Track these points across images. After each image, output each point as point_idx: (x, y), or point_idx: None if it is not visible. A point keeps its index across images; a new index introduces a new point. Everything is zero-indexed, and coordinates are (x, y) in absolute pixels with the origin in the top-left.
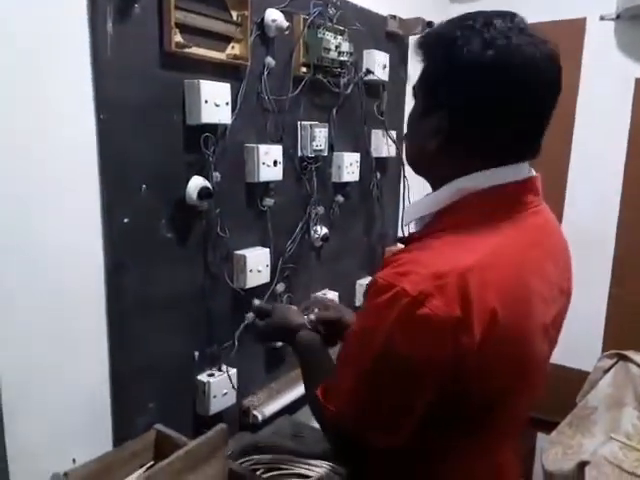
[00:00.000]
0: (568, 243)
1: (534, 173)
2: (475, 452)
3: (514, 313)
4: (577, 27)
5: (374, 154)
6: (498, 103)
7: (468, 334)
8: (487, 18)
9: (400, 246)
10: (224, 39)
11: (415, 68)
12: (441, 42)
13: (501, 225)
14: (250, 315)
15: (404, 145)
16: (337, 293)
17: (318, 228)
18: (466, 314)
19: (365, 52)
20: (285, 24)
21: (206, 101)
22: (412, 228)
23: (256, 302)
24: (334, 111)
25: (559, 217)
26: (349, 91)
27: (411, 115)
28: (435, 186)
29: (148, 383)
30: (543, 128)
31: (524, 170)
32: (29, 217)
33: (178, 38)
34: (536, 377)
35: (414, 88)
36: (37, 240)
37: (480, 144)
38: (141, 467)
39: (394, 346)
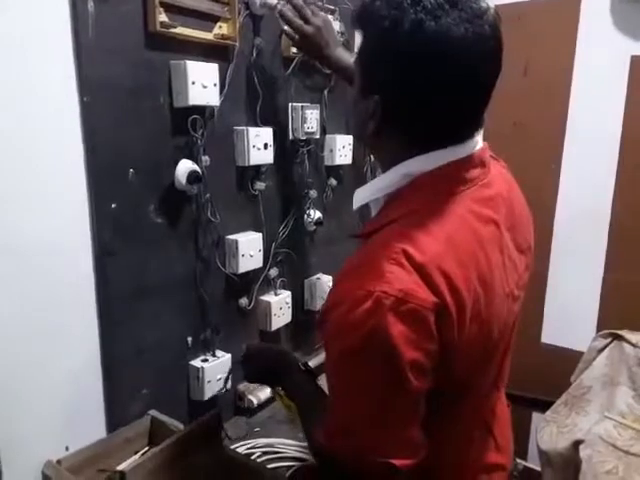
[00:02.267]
0: (524, 199)
1: (479, 145)
2: (466, 414)
3: (480, 292)
4: (572, 3)
5: None
6: (428, 87)
7: (448, 318)
8: None
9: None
10: (211, 18)
11: None
12: (371, 21)
13: (451, 208)
14: (243, 301)
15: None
16: (331, 277)
17: (311, 212)
18: (442, 300)
19: (357, 31)
20: (274, 2)
21: (193, 82)
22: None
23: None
24: (325, 92)
25: (554, 196)
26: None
27: (349, 92)
28: (384, 168)
29: (141, 369)
30: (481, 106)
31: (468, 147)
32: (13, 205)
33: (163, 17)
34: (510, 335)
35: (352, 65)
36: (23, 227)
37: (416, 128)
38: (135, 453)
39: (397, 350)
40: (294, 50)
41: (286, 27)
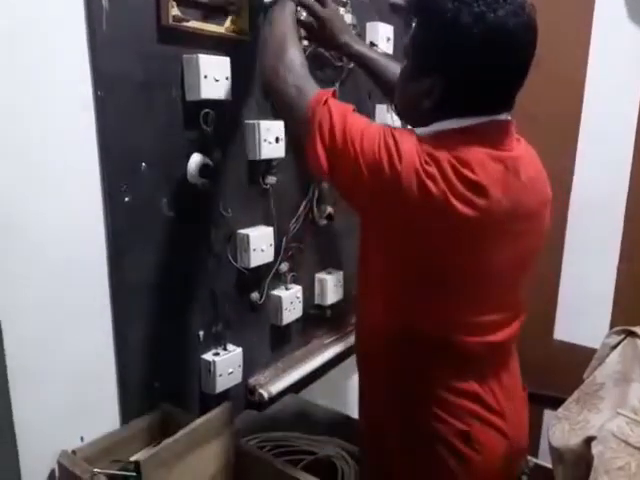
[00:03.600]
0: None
1: (507, 118)
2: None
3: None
4: None
5: None
6: (484, 70)
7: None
8: None
9: None
10: (223, 12)
11: None
12: (434, 11)
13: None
14: (255, 295)
15: (395, 97)
16: (342, 272)
17: (322, 206)
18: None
19: (368, 24)
20: None
21: (205, 76)
22: None
23: None
24: (337, 85)
25: (568, 188)
26: (352, 65)
27: (404, 72)
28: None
29: (154, 363)
30: (521, 85)
31: (501, 117)
32: (29, 198)
33: (175, 11)
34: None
35: (405, 47)
36: (38, 221)
37: (466, 103)
38: (148, 445)
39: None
40: (305, 43)
41: (303, 15)
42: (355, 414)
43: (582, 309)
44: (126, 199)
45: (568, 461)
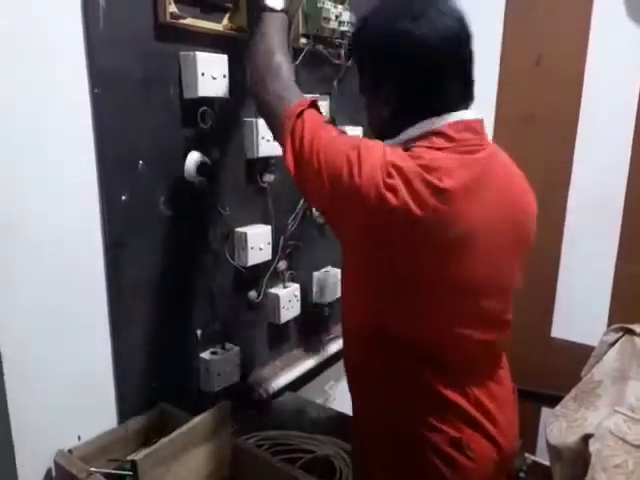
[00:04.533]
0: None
1: (469, 117)
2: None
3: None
4: None
5: None
6: (425, 72)
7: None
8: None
9: None
10: (220, 9)
11: None
12: (370, 37)
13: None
14: (252, 294)
15: (367, 124)
16: (340, 270)
17: None
18: None
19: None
20: None
21: (203, 74)
22: None
23: None
24: (335, 83)
25: (566, 186)
26: (350, 63)
27: (365, 101)
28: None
29: (151, 361)
30: (467, 80)
31: (456, 116)
32: (27, 197)
33: (173, 9)
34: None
35: (360, 87)
36: (36, 220)
37: (419, 102)
38: (146, 443)
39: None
40: (303, 41)
41: None
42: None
43: (580, 307)
44: (123, 197)
45: (566, 459)
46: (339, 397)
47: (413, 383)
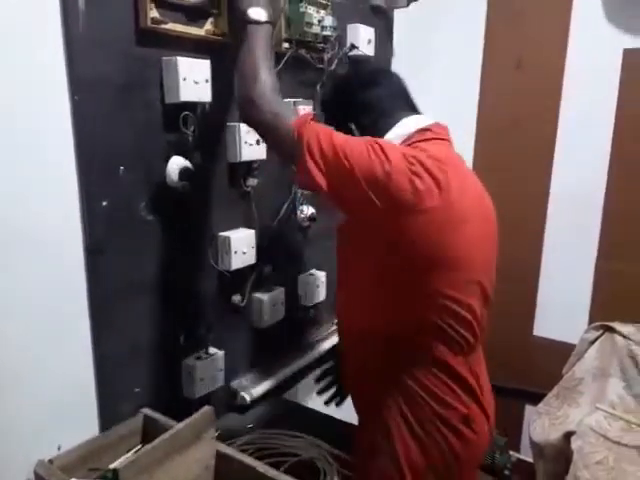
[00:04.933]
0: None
1: (422, 123)
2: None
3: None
4: None
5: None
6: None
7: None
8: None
9: None
10: (202, 14)
11: (400, 42)
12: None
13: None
14: (237, 298)
15: None
16: (325, 273)
17: (304, 208)
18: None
19: (349, 26)
20: None
21: (184, 78)
22: None
23: None
24: (318, 87)
25: (547, 186)
26: (333, 67)
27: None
28: None
29: (134, 367)
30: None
31: (419, 121)
32: (3, 203)
33: (154, 13)
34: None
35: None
36: (14, 226)
37: (374, 122)
38: (129, 451)
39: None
40: (286, 45)
41: None
42: (338, 415)
43: (561, 305)
44: (104, 203)
45: (548, 456)
46: (324, 400)
47: (430, 361)
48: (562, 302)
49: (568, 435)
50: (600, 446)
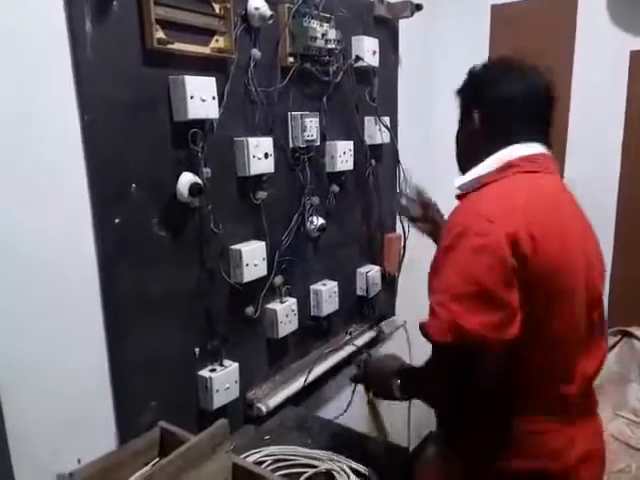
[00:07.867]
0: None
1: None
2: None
3: (550, 241)
4: (569, 2)
5: (368, 141)
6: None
7: (520, 246)
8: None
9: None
10: (207, 33)
11: (406, 52)
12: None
13: (527, 178)
14: (249, 310)
15: (456, 154)
16: (336, 282)
17: (314, 219)
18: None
19: (354, 38)
20: (268, 13)
21: (192, 97)
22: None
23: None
24: (324, 100)
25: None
26: (339, 79)
27: (459, 132)
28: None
29: (150, 381)
30: (541, 123)
31: (537, 148)
32: (19, 222)
33: (160, 34)
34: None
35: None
36: (30, 244)
37: (502, 131)
38: (146, 465)
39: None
40: (291, 59)
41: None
42: (354, 425)
43: None
44: (116, 220)
45: None
46: (340, 410)
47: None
48: None
49: None
50: (622, 454)
